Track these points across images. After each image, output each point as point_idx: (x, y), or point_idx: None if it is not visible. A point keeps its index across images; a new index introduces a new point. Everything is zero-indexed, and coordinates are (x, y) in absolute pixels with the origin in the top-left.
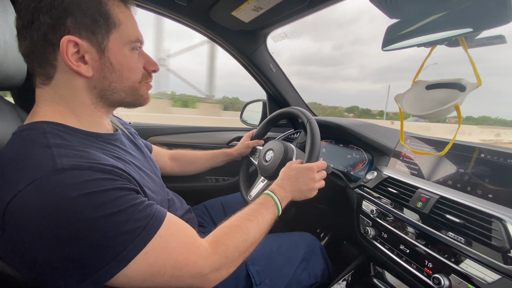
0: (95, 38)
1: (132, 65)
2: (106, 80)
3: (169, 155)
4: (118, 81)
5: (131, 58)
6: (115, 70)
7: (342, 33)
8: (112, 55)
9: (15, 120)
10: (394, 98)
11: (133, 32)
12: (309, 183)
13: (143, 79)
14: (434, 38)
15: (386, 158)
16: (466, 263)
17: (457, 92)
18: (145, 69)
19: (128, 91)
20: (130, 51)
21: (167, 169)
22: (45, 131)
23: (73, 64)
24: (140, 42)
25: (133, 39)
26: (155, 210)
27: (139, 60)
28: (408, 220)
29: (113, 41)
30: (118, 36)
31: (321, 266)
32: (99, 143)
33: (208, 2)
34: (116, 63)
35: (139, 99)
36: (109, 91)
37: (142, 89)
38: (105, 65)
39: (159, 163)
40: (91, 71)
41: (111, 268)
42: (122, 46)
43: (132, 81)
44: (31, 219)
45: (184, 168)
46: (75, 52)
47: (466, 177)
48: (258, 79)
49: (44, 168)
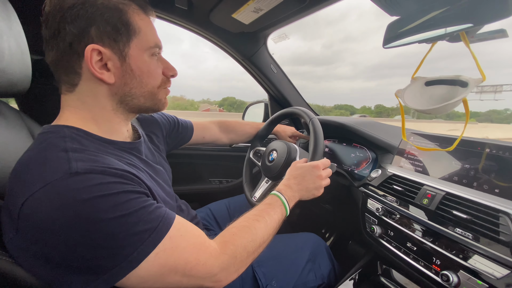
0: (117, 46)
1: (152, 71)
2: (127, 86)
3: (217, 127)
4: (138, 87)
5: (150, 64)
6: (135, 76)
7: (331, 31)
8: (133, 61)
9: (20, 126)
10: (395, 94)
11: (152, 38)
12: (316, 181)
13: (162, 84)
14: (435, 34)
15: (390, 155)
16: (474, 259)
17: (457, 88)
18: (164, 74)
19: (147, 97)
20: (149, 57)
21: (222, 140)
22: (65, 135)
23: (97, 72)
24: (159, 48)
25: (152, 45)
26: (164, 213)
27: (158, 65)
28: (414, 217)
29: (133, 48)
30: (138, 42)
31: (327, 267)
32: (115, 150)
33: (208, 5)
34: (136, 69)
35: (157, 104)
36: (129, 96)
37: (161, 94)
38: (126, 72)
39: (208, 138)
40: (113, 78)
41: (122, 269)
42: (142, 53)
43: (152, 86)
44: (44, 220)
45: (235, 140)
46: (99, 60)
47: (472, 172)
48: (260, 80)
49: (59, 171)
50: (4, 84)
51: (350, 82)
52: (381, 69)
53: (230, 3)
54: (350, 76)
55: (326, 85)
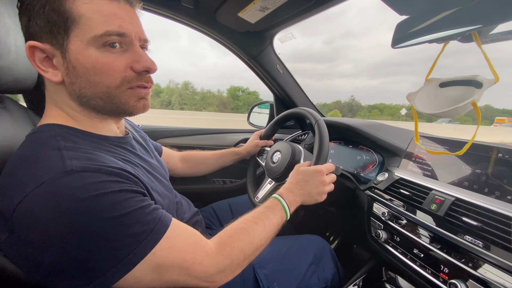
0: (55, 40)
1: (100, 67)
2: (75, 85)
3: (179, 156)
4: (87, 87)
5: (99, 58)
6: (79, 74)
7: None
8: (73, 56)
9: (27, 123)
10: (406, 97)
11: (100, 25)
12: (319, 187)
13: (125, 83)
14: (446, 34)
15: (398, 159)
16: (484, 268)
17: (473, 89)
18: (132, 69)
19: (104, 98)
20: (98, 50)
21: (177, 170)
22: (56, 133)
23: (41, 70)
24: (119, 35)
25: (101, 32)
26: (161, 214)
27: (119, 59)
28: (422, 223)
29: (74, 40)
30: (79, 33)
31: (331, 270)
32: (109, 146)
33: (214, 4)
34: (78, 66)
35: (121, 107)
36: (83, 97)
37: (124, 96)
38: (69, 69)
39: (169, 164)
40: (60, 76)
41: (117, 271)
42: (85, 45)
43: (106, 87)
44: (39, 220)
45: (194, 169)
46: (45, 57)
47: (483, 178)
48: (265, 80)
49: (53, 170)
50: (10, 80)
51: (353, 80)
52: (384, 67)
53: (236, 1)
54: (353, 73)
55: (328, 83)
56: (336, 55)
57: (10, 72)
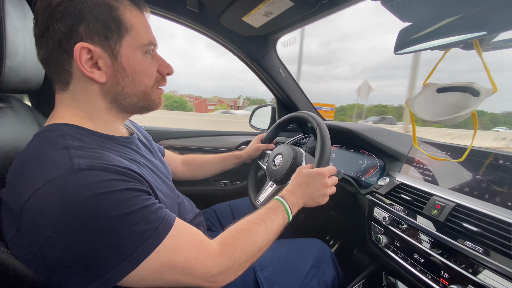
0: (107, 44)
1: (145, 70)
2: (119, 85)
3: (181, 159)
4: (131, 86)
5: (143, 62)
6: (127, 75)
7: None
8: (125, 60)
9: (32, 123)
10: (405, 102)
11: (145, 36)
12: (321, 189)
13: (156, 84)
14: (448, 41)
15: (399, 164)
16: (484, 273)
17: (469, 96)
18: (159, 72)
19: (140, 96)
20: (142, 55)
21: (178, 173)
22: (64, 133)
23: (87, 71)
24: (153, 45)
25: (146, 42)
26: (165, 213)
27: (152, 63)
28: (423, 228)
29: (125, 46)
30: (131, 40)
31: (331, 274)
32: (115, 145)
33: (219, 8)
34: (128, 68)
35: (151, 104)
36: (122, 96)
37: (154, 94)
38: (118, 71)
39: (171, 167)
40: (104, 77)
41: (121, 269)
42: (134, 51)
43: (145, 86)
44: (46, 217)
45: (195, 172)
46: (89, 59)
47: (484, 184)
48: (268, 83)
49: (61, 168)
50: (17, 80)
51: (349, 82)
52: (380, 70)
53: (241, 6)
54: (349, 76)
55: (324, 86)
56: (332, 58)
57: (18, 72)
